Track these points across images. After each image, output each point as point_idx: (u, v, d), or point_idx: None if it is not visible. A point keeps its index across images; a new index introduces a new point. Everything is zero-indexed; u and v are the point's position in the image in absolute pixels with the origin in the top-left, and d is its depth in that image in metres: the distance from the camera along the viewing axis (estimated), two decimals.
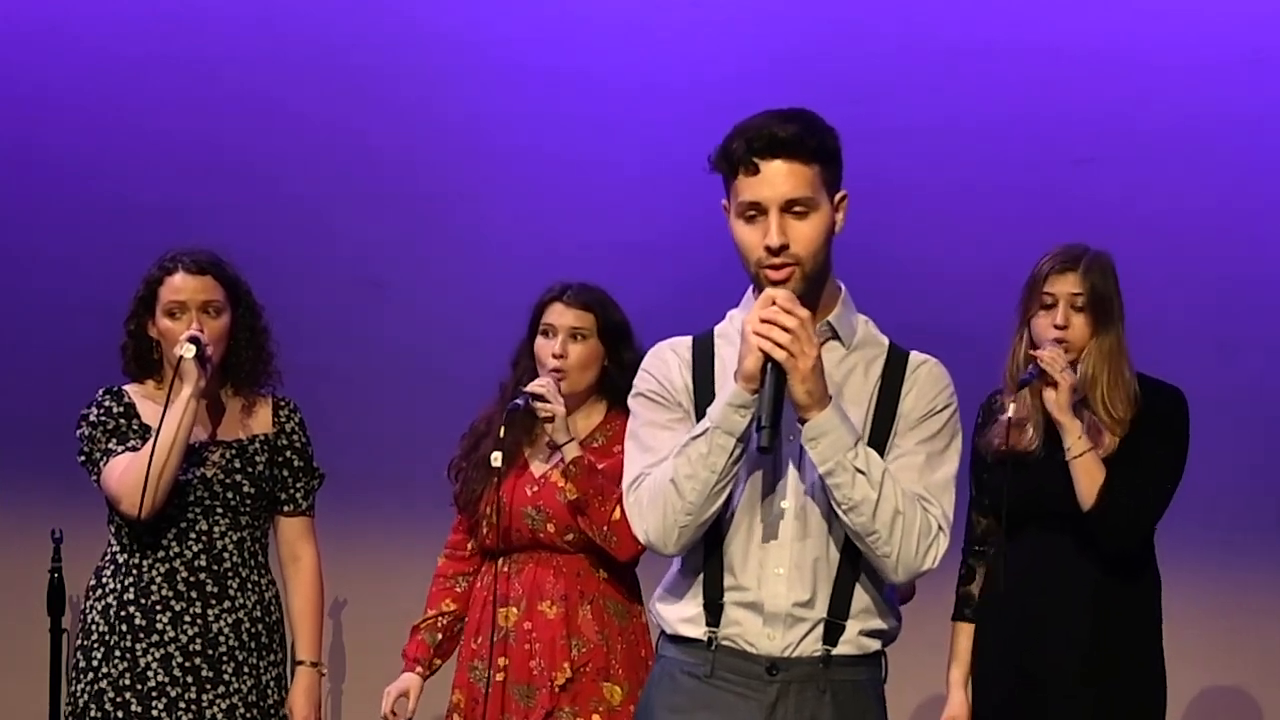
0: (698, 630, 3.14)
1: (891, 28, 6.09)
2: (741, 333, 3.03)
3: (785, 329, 2.98)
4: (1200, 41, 5.91)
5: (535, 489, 4.42)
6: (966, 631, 4.49)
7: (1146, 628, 4.36)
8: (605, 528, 4.29)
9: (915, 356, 3.21)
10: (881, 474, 3.04)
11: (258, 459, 4.39)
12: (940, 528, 3.11)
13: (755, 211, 3.07)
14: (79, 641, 4.36)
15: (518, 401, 4.34)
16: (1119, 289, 4.37)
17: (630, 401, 3.23)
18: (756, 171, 3.06)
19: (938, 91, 6.02)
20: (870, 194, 6.09)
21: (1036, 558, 4.33)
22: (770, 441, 2.97)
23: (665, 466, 3.08)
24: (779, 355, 2.97)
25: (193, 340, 4.18)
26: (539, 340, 4.47)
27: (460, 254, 5.94)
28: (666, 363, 3.19)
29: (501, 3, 6.28)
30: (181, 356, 4.17)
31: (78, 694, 4.32)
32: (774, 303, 3.00)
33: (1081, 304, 4.32)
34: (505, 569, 4.42)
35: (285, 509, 4.46)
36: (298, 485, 4.46)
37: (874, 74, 6.06)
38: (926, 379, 3.17)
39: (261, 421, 4.43)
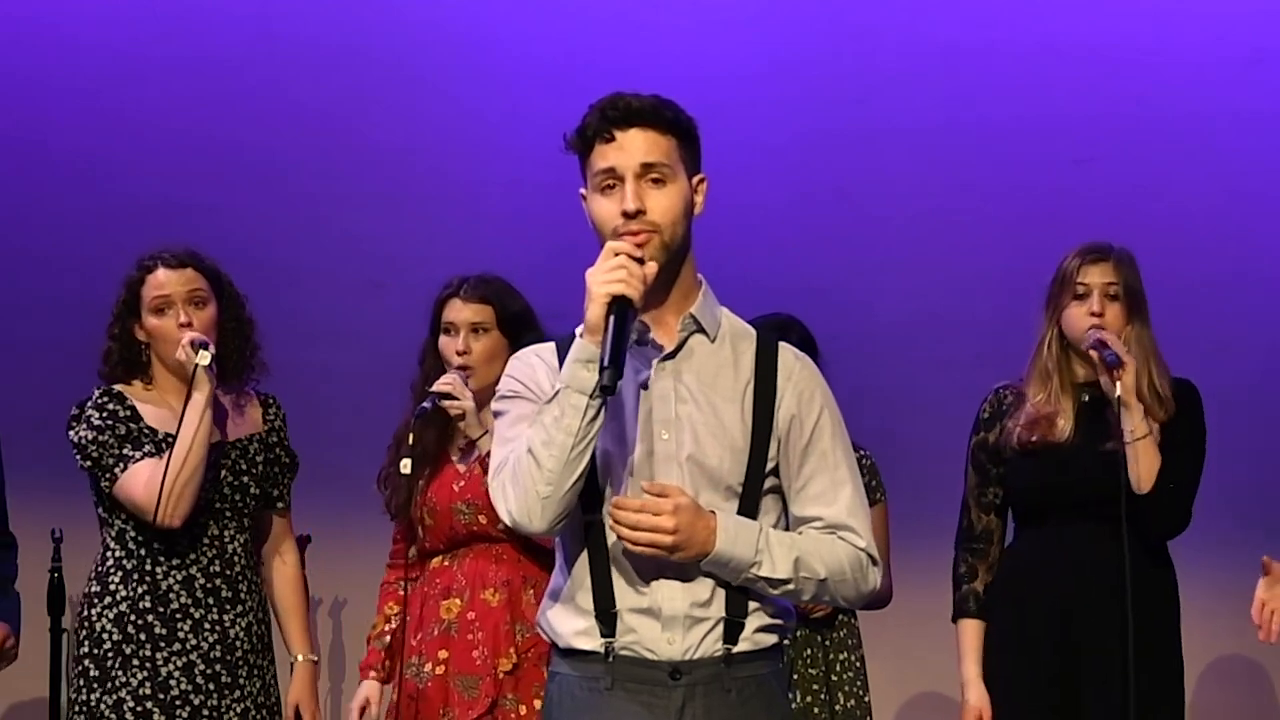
0: (593, 642, 3.06)
1: (891, 28, 6.09)
2: (586, 286, 2.97)
3: (667, 531, 2.96)
4: (1200, 41, 5.92)
5: (461, 484, 4.41)
6: (976, 627, 4.47)
7: (1171, 612, 4.41)
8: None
9: (785, 350, 3.15)
10: (793, 561, 3.03)
11: (257, 459, 4.39)
12: (869, 556, 3.11)
13: (611, 180, 3.05)
14: (87, 649, 4.30)
15: (425, 405, 4.33)
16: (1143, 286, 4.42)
17: (493, 405, 3.17)
18: (612, 139, 3.05)
19: (938, 91, 6.02)
20: (870, 193, 6.15)
21: (1066, 546, 4.34)
22: (612, 382, 2.90)
23: (522, 442, 3.01)
24: (668, 541, 2.95)
25: (204, 345, 4.16)
26: (442, 339, 4.47)
27: (460, 254, 5.93)
28: (532, 367, 3.13)
29: (502, 3, 6.28)
30: (198, 365, 4.15)
31: (93, 704, 4.26)
32: (616, 254, 2.97)
33: (1115, 293, 4.35)
34: (446, 563, 4.43)
35: (279, 507, 4.46)
36: (285, 483, 4.47)
37: (874, 74, 6.06)
38: (801, 377, 3.12)
39: (253, 420, 4.43)
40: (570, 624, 3.09)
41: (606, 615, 3.05)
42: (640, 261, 2.98)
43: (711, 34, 6.10)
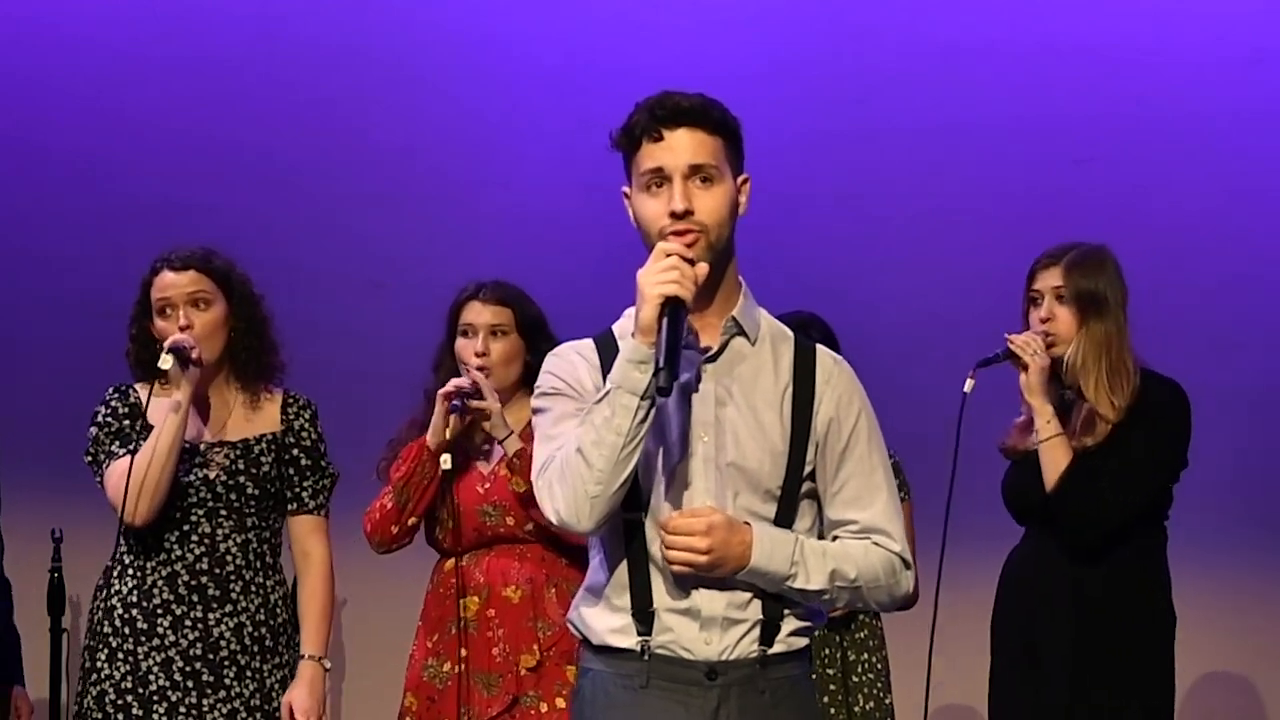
0: (628, 640, 3.05)
1: (891, 28, 6.09)
2: (637, 287, 2.97)
3: (701, 551, 2.98)
4: (1200, 41, 5.92)
5: (486, 486, 4.43)
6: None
7: (1144, 619, 4.35)
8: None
9: (824, 354, 3.16)
10: (828, 572, 3.05)
11: (263, 459, 4.37)
12: (903, 561, 3.12)
13: (659, 179, 3.04)
14: (85, 641, 4.36)
15: (455, 403, 4.33)
16: (1118, 280, 4.38)
17: (534, 403, 3.16)
18: (660, 139, 3.05)
19: (938, 91, 6.03)
20: (870, 193, 6.15)
21: (1032, 550, 4.36)
22: (667, 382, 2.91)
23: (570, 440, 3.00)
24: (703, 561, 2.98)
25: (172, 350, 4.17)
26: (459, 341, 4.49)
27: (460, 254, 5.95)
28: (574, 364, 3.12)
29: (502, 3, 6.28)
30: (163, 368, 4.17)
31: (81, 694, 4.31)
32: (668, 255, 2.97)
33: (1064, 296, 4.36)
34: (464, 562, 4.43)
35: (292, 507, 4.45)
36: (305, 484, 4.44)
37: (874, 74, 6.07)
38: (839, 381, 3.13)
39: (268, 420, 4.42)
40: (605, 621, 3.09)
41: (644, 614, 3.05)
42: (691, 262, 2.98)
43: (711, 34, 6.10)
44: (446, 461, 4.33)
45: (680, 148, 3.04)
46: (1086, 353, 4.32)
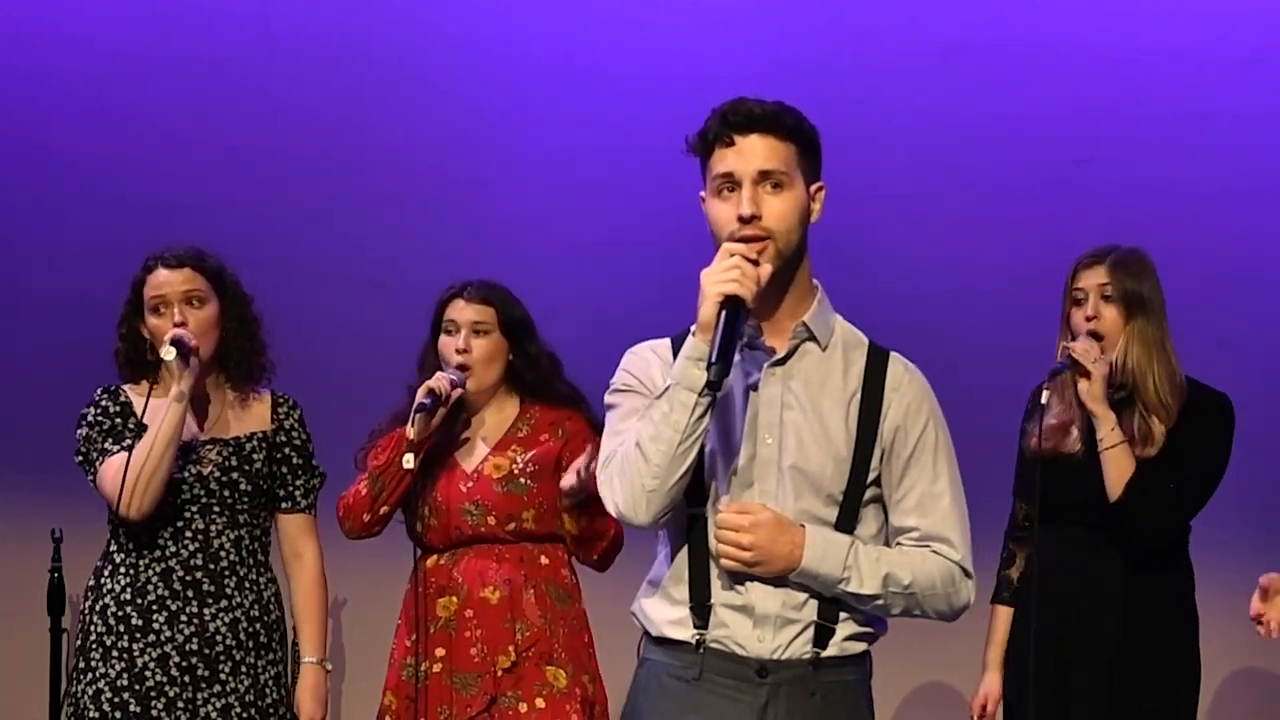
0: (685, 633, 3.11)
1: (891, 28, 6.09)
2: (700, 286, 3.01)
3: (744, 547, 3.03)
4: (1200, 41, 5.91)
5: (470, 485, 4.44)
6: (1005, 615, 4.54)
7: (1178, 620, 4.39)
8: (595, 557, 4.41)
9: (895, 361, 3.19)
10: (882, 577, 3.08)
11: (255, 456, 4.39)
12: (963, 570, 3.15)
13: (729, 184, 3.08)
14: (78, 642, 4.37)
15: (424, 401, 4.33)
16: (1157, 283, 4.41)
17: (606, 399, 3.21)
18: (732, 144, 3.09)
19: (938, 91, 6.02)
20: (870, 194, 6.15)
21: (1071, 551, 4.36)
22: (718, 378, 2.95)
23: (631, 435, 3.06)
24: (747, 556, 3.02)
25: (174, 342, 4.18)
26: (442, 338, 4.51)
27: (460, 254, 5.94)
28: (648, 362, 3.18)
29: (501, 3, 6.28)
30: (163, 360, 4.18)
31: (77, 694, 4.31)
32: (731, 255, 3.00)
33: (1110, 294, 4.37)
34: (442, 562, 4.44)
35: (284, 506, 4.47)
36: (297, 483, 4.46)
37: (874, 74, 6.06)
38: (909, 390, 3.17)
39: (259, 418, 4.44)
40: (664, 613, 3.13)
41: (701, 607, 3.09)
42: (755, 263, 3.02)
43: (711, 34, 6.09)
44: (409, 461, 4.33)
45: (751, 153, 3.09)
46: (1139, 354, 4.35)
